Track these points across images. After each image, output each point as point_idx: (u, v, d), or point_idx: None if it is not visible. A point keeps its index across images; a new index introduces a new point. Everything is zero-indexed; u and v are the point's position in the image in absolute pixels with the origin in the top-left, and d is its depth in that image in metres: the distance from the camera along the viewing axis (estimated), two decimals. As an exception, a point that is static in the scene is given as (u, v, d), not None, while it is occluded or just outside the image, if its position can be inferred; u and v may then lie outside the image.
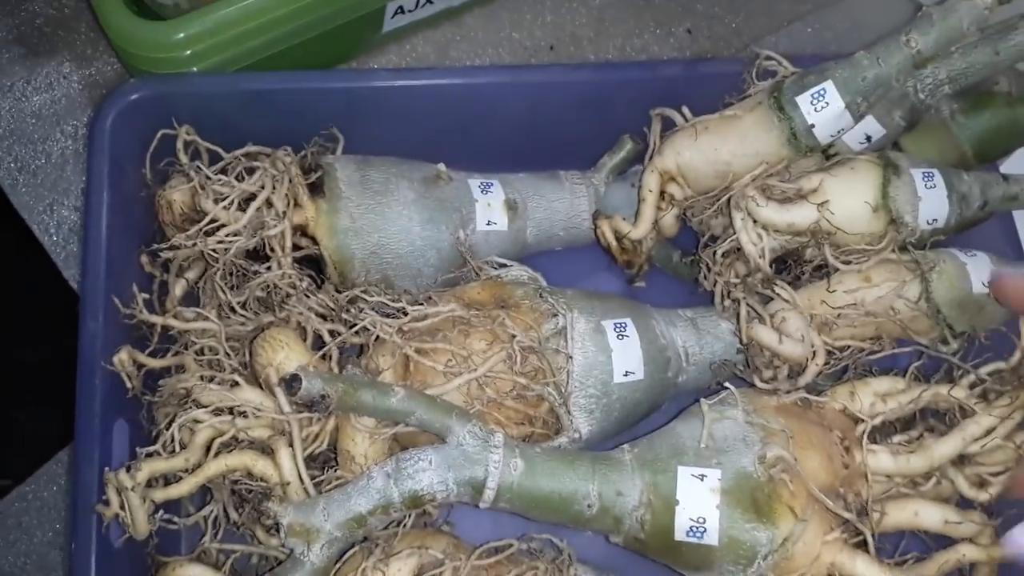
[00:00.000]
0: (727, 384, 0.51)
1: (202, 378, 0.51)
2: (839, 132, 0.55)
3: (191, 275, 0.58)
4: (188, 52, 0.58)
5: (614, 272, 0.63)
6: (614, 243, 0.58)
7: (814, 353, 0.54)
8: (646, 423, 0.56)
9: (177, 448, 0.49)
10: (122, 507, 0.47)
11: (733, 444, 0.48)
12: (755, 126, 0.55)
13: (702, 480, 0.47)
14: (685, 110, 0.60)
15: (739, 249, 0.57)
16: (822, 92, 0.53)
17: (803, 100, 0.54)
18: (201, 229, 0.54)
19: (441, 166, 0.59)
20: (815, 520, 0.47)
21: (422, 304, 0.52)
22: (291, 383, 0.46)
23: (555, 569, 0.50)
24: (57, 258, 0.66)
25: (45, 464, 0.64)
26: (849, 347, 0.55)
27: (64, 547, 0.63)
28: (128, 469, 0.47)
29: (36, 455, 0.65)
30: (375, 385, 0.48)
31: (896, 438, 0.53)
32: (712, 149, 0.56)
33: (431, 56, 0.72)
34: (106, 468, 0.50)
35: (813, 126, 0.54)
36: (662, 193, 0.58)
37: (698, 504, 0.47)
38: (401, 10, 0.67)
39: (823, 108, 0.53)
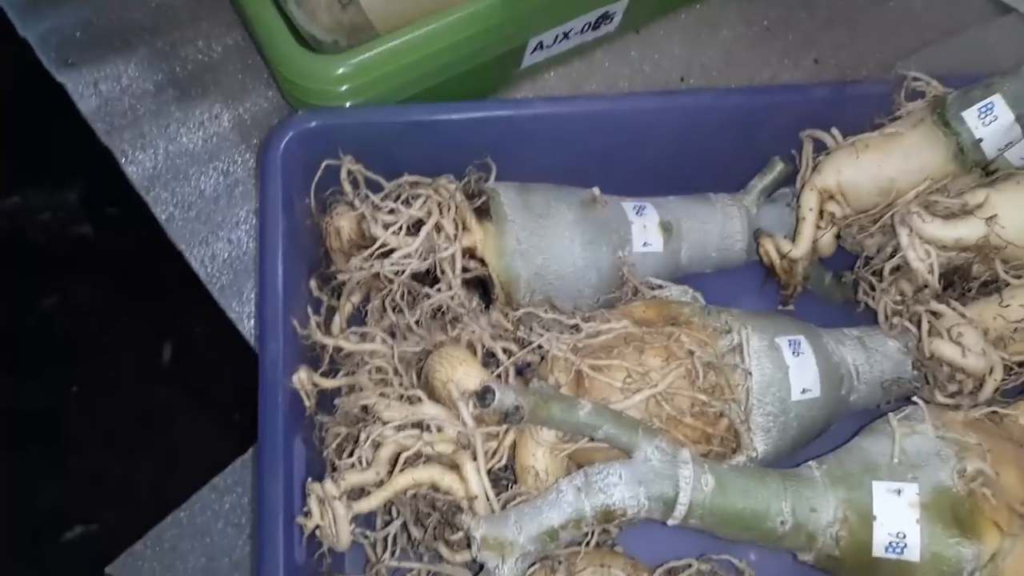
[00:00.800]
0: (915, 399, 0.50)
1: (382, 395, 0.52)
2: (1006, 146, 0.55)
3: (355, 299, 0.59)
4: (345, 87, 0.61)
5: (762, 295, 0.63)
6: (777, 261, 0.58)
7: (991, 368, 0.53)
8: (816, 444, 0.55)
9: (363, 464, 0.49)
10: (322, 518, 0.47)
11: (927, 459, 0.47)
12: (920, 142, 0.55)
13: (899, 495, 0.46)
14: (835, 131, 0.61)
15: (900, 268, 0.56)
16: (990, 106, 0.54)
17: (970, 115, 0.54)
18: (374, 253, 0.55)
19: (596, 190, 0.60)
20: (1023, 535, 0.45)
21: (594, 321, 0.53)
22: (483, 395, 0.46)
23: (739, 590, 0.49)
24: (212, 289, 0.68)
25: (199, 490, 0.65)
26: (1025, 363, 0.54)
27: (217, 572, 0.64)
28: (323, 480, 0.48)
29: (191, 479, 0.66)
30: (564, 398, 0.48)
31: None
32: (875, 166, 0.56)
33: (565, 91, 0.74)
34: (291, 485, 0.50)
35: (981, 140, 0.54)
36: (820, 212, 0.58)
37: (897, 519, 0.46)
38: (540, 46, 0.69)
39: (991, 122, 0.54)
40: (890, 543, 0.46)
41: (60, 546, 0.64)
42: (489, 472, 0.51)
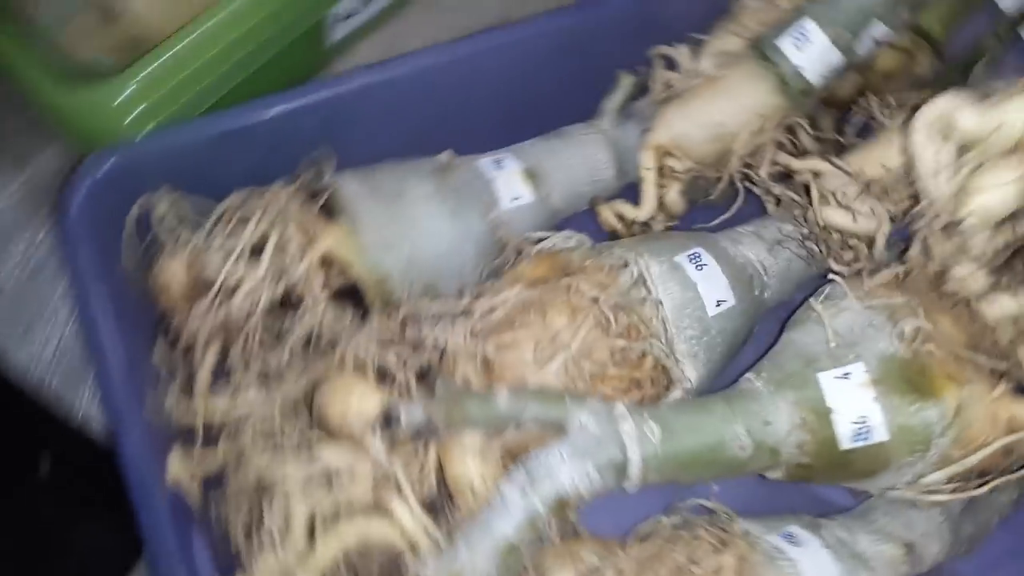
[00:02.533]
0: (832, 275, 0.47)
1: (273, 453, 0.45)
2: (832, 71, 0.52)
3: (212, 355, 0.51)
4: (138, 110, 0.52)
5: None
6: (619, 227, 0.55)
7: (880, 224, 0.51)
8: (745, 354, 0.52)
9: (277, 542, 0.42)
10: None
11: (863, 332, 0.45)
12: (742, 81, 0.53)
13: (848, 379, 0.44)
14: (683, 49, 0.57)
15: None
16: (802, 31, 0.51)
17: (784, 43, 0.52)
18: (216, 297, 0.48)
19: (446, 154, 0.54)
20: (977, 381, 0.43)
21: (484, 297, 0.47)
22: (387, 419, 0.40)
23: (719, 531, 0.45)
24: (53, 382, 0.59)
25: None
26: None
27: None
28: None
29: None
30: (475, 394, 0.43)
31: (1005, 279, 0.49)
32: (703, 114, 0.54)
33: (382, 59, 0.67)
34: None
35: (800, 67, 0.51)
36: (661, 169, 0.55)
37: (854, 405, 0.43)
38: (344, 16, 0.62)
39: (806, 47, 0.51)
40: (856, 431, 0.43)
41: None
42: (422, 502, 0.45)
